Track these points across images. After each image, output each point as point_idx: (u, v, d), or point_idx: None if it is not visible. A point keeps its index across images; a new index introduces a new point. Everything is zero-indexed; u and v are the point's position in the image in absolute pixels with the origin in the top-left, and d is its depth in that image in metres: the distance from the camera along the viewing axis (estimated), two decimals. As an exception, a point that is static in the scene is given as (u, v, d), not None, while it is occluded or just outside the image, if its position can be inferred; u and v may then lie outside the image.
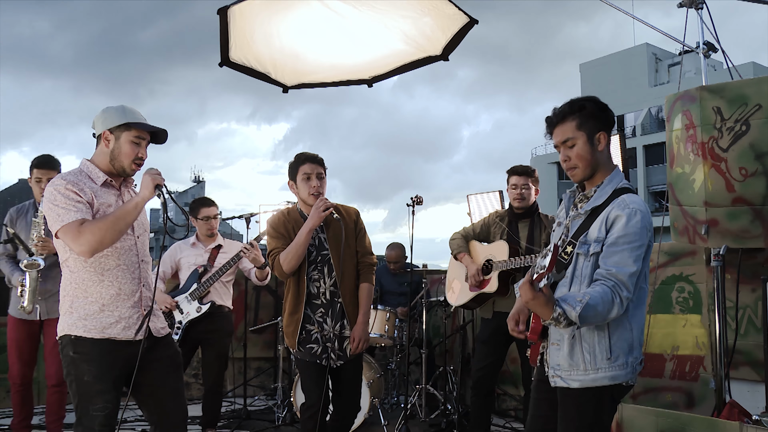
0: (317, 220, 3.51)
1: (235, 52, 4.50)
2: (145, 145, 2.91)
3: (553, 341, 2.51)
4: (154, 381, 2.89)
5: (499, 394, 5.83)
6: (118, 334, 2.79)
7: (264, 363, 6.74)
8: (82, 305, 2.78)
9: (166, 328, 3.05)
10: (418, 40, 4.64)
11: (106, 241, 2.70)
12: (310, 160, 3.67)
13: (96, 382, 2.73)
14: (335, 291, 3.61)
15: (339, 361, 3.60)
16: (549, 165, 44.83)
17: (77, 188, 2.76)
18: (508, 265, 4.22)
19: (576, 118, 2.50)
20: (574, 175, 2.55)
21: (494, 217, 4.57)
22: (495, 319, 4.37)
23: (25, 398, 4.42)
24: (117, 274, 2.81)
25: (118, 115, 2.86)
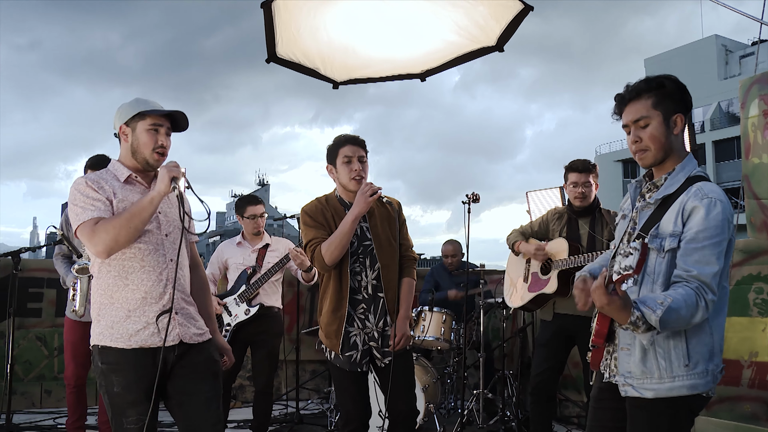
0: (364, 207, 3.22)
1: (282, 47, 4.40)
2: (165, 133, 2.73)
3: (623, 345, 2.29)
4: (184, 389, 2.69)
5: (561, 399, 5.58)
6: (145, 341, 2.60)
7: (319, 366, 6.64)
8: (109, 312, 2.62)
9: (205, 334, 2.81)
10: (471, 30, 4.45)
11: (122, 240, 2.54)
12: (351, 141, 3.40)
13: (126, 393, 2.57)
14: (378, 285, 3.34)
15: (386, 359, 3.33)
16: (614, 163, 43.82)
17: (97, 185, 2.63)
18: (568, 263, 3.99)
19: (652, 96, 2.27)
20: (644, 158, 2.32)
21: (553, 215, 4.33)
22: (555, 321, 4.15)
23: (79, 399, 4.44)
24: (142, 277, 2.63)
25: (131, 107, 2.73)
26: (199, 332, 2.77)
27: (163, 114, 2.71)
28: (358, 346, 3.30)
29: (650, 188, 2.37)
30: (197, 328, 2.77)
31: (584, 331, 4.01)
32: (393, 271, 3.39)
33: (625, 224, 2.44)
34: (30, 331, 5.89)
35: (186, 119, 2.77)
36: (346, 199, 3.42)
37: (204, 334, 2.80)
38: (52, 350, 5.88)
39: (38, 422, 5.32)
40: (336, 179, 3.44)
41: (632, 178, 27.25)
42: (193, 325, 2.75)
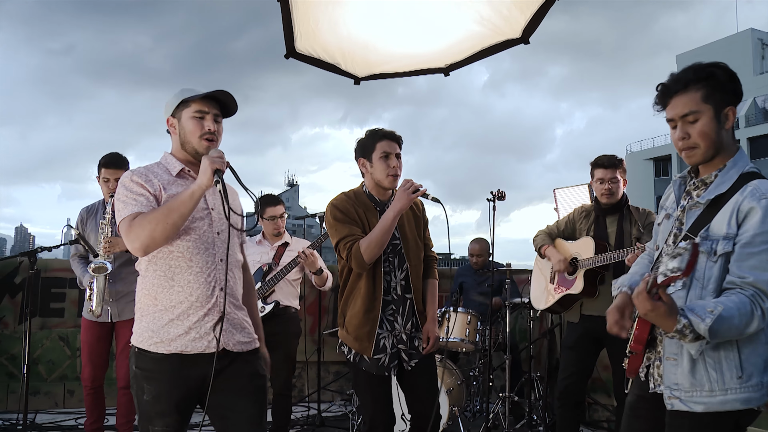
0: (406, 203, 3.05)
1: (301, 42, 4.30)
2: (212, 119, 2.51)
3: (669, 355, 2.14)
4: (226, 404, 2.48)
5: (590, 403, 5.42)
6: (186, 346, 2.40)
7: (342, 367, 6.53)
8: (151, 314, 2.45)
9: (252, 342, 2.59)
10: (495, 21, 4.31)
11: (158, 236, 2.32)
12: (389, 137, 3.24)
13: (155, 402, 2.42)
14: (406, 285, 3.23)
15: (412, 362, 3.22)
16: (645, 161, 43.23)
17: (144, 179, 2.46)
18: (594, 262, 3.83)
19: (702, 88, 2.09)
20: (692, 156, 2.15)
21: (580, 213, 4.18)
22: (582, 323, 4.00)
23: (96, 400, 4.38)
24: (188, 278, 2.42)
25: (175, 97, 2.56)
26: (245, 340, 2.56)
27: (207, 98, 2.52)
28: (387, 348, 3.18)
29: (697, 186, 2.22)
30: (244, 335, 2.56)
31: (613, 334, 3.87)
32: (419, 271, 3.32)
33: (669, 224, 2.29)
34: (53, 331, 5.88)
35: (233, 100, 2.57)
36: (375, 196, 3.28)
37: (251, 342, 2.59)
38: (75, 350, 5.86)
39: (60, 422, 5.30)
40: (369, 174, 3.27)
41: (663, 176, 26.79)
42: (239, 332, 2.54)
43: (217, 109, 2.55)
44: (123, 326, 4.32)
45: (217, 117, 2.55)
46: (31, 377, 5.74)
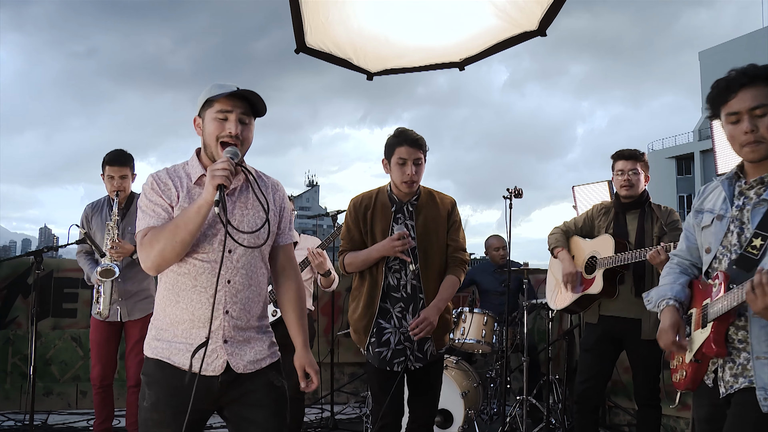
0: (388, 252, 3.21)
1: (311, 36, 4.21)
2: (236, 120, 2.30)
3: (759, 354, 2.05)
4: (242, 415, 2.38)
5: (610, 406, 5.27)
6: (185, 363, 2.27)
7: (358, 368, 6.44)
8: (160, 324, 2.36)
9: (263, 360, 2.43)
10: (510, 13, 4.18)
11: (168, 256, 2.21)
12: (409, 143, 3.27)
13: (152, 410, 2.30)
14: (418, 285, 3.26)
15: (417, 363, 3.25)
16: (667, 159, 42.71)
17: (162, 185, 2.32)
18: (614, 261, 3.70)
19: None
20: (756, 150, 2.09)
21: (599, 210, 4.04)
22: (601, 324, 3.86)
23: (105, 400, 4.35)
24: (192, 297, 2.29)
25: (202, 95, 2.37)
26: (255, 359, 2.40)
27: (234, 97, 2.30)
28: (391, 344, 3.23)
29: (752, 185, 2.16)
30: (254, 354, 2.40)
31: (632, 335, 3.74)
32: (435, 272, 3.30)
33: (724, 225, 2.21)
34: (65, 331, 5.85)
35: (261, 100, 2.35)
36: (396, 196, 3.35)
37: (263, 360, 2.43)
38: (87, 351, 5.80)
39: (71, 423, 5.26)
40: (390, 174, 3.35)
41: (686, 174, 26.51)
42: (248, 353, 2.37)
43: (243, 108, 2.32)
44: (132, 325, 4.28)
45: (244, 118, 2.33)
46: (44, 378, 5.76)
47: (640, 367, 3.78)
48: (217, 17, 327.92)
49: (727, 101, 2.11)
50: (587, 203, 5.55)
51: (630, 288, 3.77)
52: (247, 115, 2.34)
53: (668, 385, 4.30)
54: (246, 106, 2.33)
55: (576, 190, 5.76)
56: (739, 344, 2.10)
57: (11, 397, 5.62)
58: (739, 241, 2.13)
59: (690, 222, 2.42)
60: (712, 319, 2.12)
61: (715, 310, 2.11)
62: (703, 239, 2.31)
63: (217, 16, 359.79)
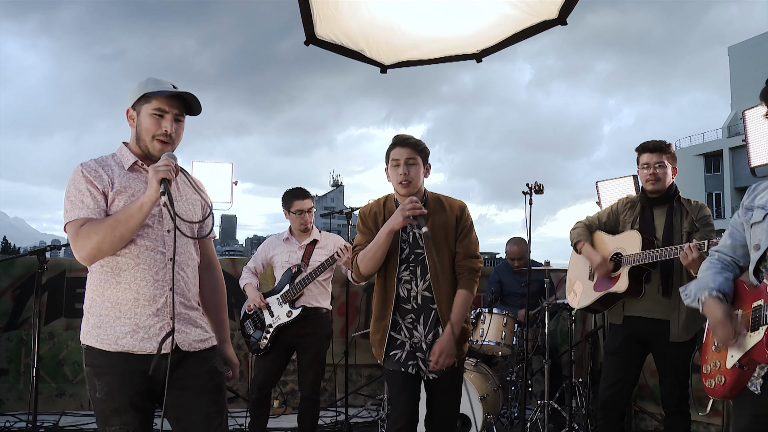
0: (400, 223, 3.05)
1: (321, 27, 4.07)
2: (172, 119, 2.40)
3: None
4: (182, 403, 2.38)
5: (636, 411, 5.06)
6: (133, 346, 2.30)
7: (375, 370, 6.29)
8: (98, 310, 2.35)
9: (207, 341, 2.50)
10: (529, 2, 4.01)
11: (105, 248, 2.27)
12: (399, 143, 3.21)
13: (108, 399, 2.30)
14: (429, 296, 3.14)
15: (432, 374, 3.14)
16: (694, 157, 42.04)
17: (93, 174, 2.36)
18: (641, 259, 3.50)
19: None
20: None
21: (624, 204, 3.85)
22: (626, 325, 3.67)
23: None
24: (135, 275, 2.33)
25: (138, 88, 2.42)
26: (200, 339, 2.46)
27: (169, 97, 2.39)
28: (405, 345, 3.17)
29: None
30: (198, 334, 2.46)
31: (660, 337, 3.54)
32: (446, 281, 3.17)
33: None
34: (77, 332, 5.75)
35: (197, 101, 2.45)
36: (400, 203, 3.21)
37: (207, 340, 2.50)
38: (100, 352, 5.75)
39: (83, 425, 5.19)
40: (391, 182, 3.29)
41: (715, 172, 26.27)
42: (192, 331, 2.44)
43: (179, 108, 2.43)
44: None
45: (179, 116, 2.43)
46: (57, 379, 5.71)
47: (667, 372, 3.58)
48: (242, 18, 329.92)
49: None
50: (612, 199, 5.34)
51: (657, 287, 3.57)
52: (181, 114, 2.44)
53: (697, 390, 4.10)
54: (181, 105, 2.43)
55: (600, 186, 5.56)
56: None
57: (24, 398, 5.56)
58: None
59: (738, 219, 2.29)
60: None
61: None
62: (752, 236, 2.18)
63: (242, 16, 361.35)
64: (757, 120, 4.07)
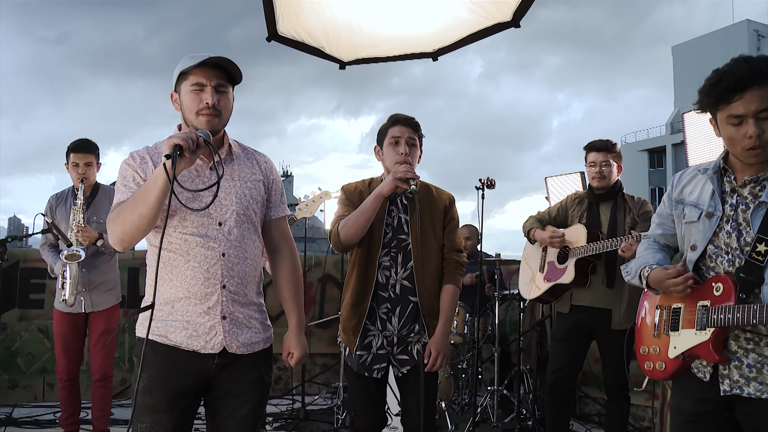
0: (390, 187, 2.84)
1: (283, 24, 4.16)
2: (212, 90, 2.23)
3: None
4: (220, 406, 2.32)
5: (581, 396, 5.30)
6: (181, 342, 2.22)
7: (330, 359, 6.42)
8: (155, 306, 2.25)
9: (260, 342, 2.37)
10: (484, 5, 4.17)
11: (128, 228, 2.12)
12: (402, 122, 3.03)
13: (146, 393, 2.20)
14: (409, 286, 2.97)
15: (404, 368, 2.97)
16: (640, 153, 43.16)
17: (138, 162, 2.27)
18: (586, 251, 3.71)
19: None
20: (758, 155, 2.00)
21: (572, 200, 4.06)
22: (573, 314, 3.88)
23: (72, 394, 4.27)
24: (186, 273, 2.22)
25: (177, 68, 2.28)
26: (250, 342, 2.34)
27: (207, 66, 2.23)
28: (372, 347, 2.98)
29: (746, 183, 2.09)
30: (249, 336, 2.34)
31: (603, 325, 3.76)
32: (431, 273, 3.01)
33: (712, 223, 2.14)
34: (32, 323, 5.73)
35: (236, 66, 2.28)
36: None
37: (259, 343, 2.37)
38: (54, 342, 5.72)
39: (38, 416, 5.16)
40: (382, 162, 3.11)
41: (658, 167, 26.69)
42: (244, 332, 2.32)
43: (220, 78, 2.26)
44: (97, 317, 4.21)
45: (220, 87, 2.26)
46: (10, 370, 5.66)
47: (611, 358, 3.80)
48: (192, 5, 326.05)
49: (730, 102, 1.98)
50: (560, 194, 5.57)
51: (601, 278, 3.79)
52: (224, 83, 2.27)
53: (636, 375, 4.35)
54: (221, 74, 2.26)
55: (549, 181, 5.77)
56: (747, 344, 2.05)
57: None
58: (739, 244, 2.06)
59: (666, 211, 2.36)
60: (716, 326, 2.04)
61: (722, 319, 2.02)
62: (686, 234, 2.24)
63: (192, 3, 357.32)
64: (695, 122, 4.33)
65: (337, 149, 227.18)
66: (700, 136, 4.27)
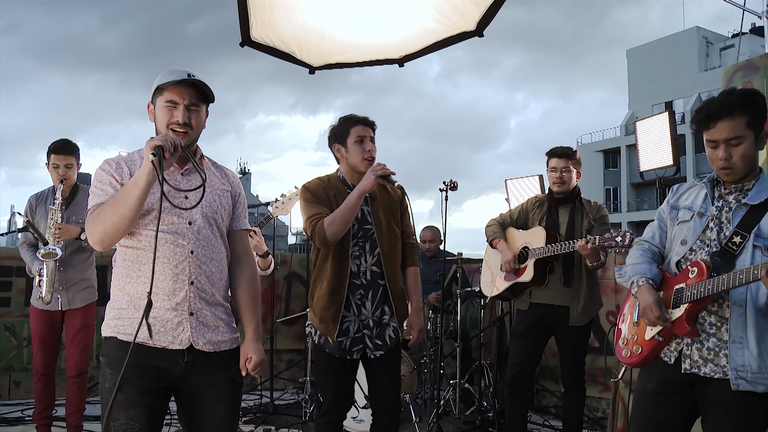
0: (371, 184, 3.05)
1: (257, 30, 4.30)
2: (184, 109, 2.34)
3: (735, 339, 2.27)
4: (195, 409, 2.38)
5: (538, 389, 5.55)
6: (148, 339, 2.25)
7: (295, 355, 6.57)
8: (118, 305, 2.33)
9: (228, 342, 2.42)
10: (450, 16, 4.36)
11: (110, 230, 2.19)
12: (363, 122, 3.25)
13: (118, 390, 2.22)
14: (378, 271, 3.21)
15: (377, 351, 3.19)
16: (595, 153, 43.96)
17: (114, 167, 2.35)
18: (545, 252, 3.93)
19: (746, 115, 2.28)
20: (729, 174, 2.35)
21: (533, 203, 4.27)
22: (532, 311, 4.09)
23: (47, 388, 4.33)
24: (155, 269, 2.23)
25: (155, 81, 2.38)
26: (218, 339, 2.39)
27: (183, 84, 2.33)
28: (350, 332, 3.17)
29: (731, 191, 2.41)
30: (217, 334, 2.38)
31: (561, 321, 3.99)
32: (394, 258, 3.28)
33: (702, 222, 2.44)
34: (-1, 320, 5.74)
35: (208, 88, 2.39)
36: (349, 181, 3.29)
37: (226, 342, 2.42)
38: (21, 340, 5.74)
39: (4, 414, 5.19)
40: (344, 159, 3.28)
41: (612, 168, 27.51)
42: (210, 331, 2.36)
43: (193, 97, 2.37)
44: (73, 315, 4.27)
45: (192, 106, 2.36)
46: (-25, 367, 5.65)
47: (567, 352, 4.04)
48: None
49: (707, 128, 2.31)
50: (519, 196, 5.81)
51: (559, 277, 4.01)
52: (197, 102, 2.38)
53: (590, 368, 4.60)
54: (195, 93, 2.37)
55: (509, 184, 6.01)
56: (710, 328, 2.32)
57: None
58: (719, 237, 2.36)
59: (664, 215, 2.64)
60: (690, 301, 2.33)
61: (695, 293, 2.30)
62: (677, 232, 2.53)
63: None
64: (646, 130, 4.60)
65: (296, 146, 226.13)
66: (651, 143, 4.55)
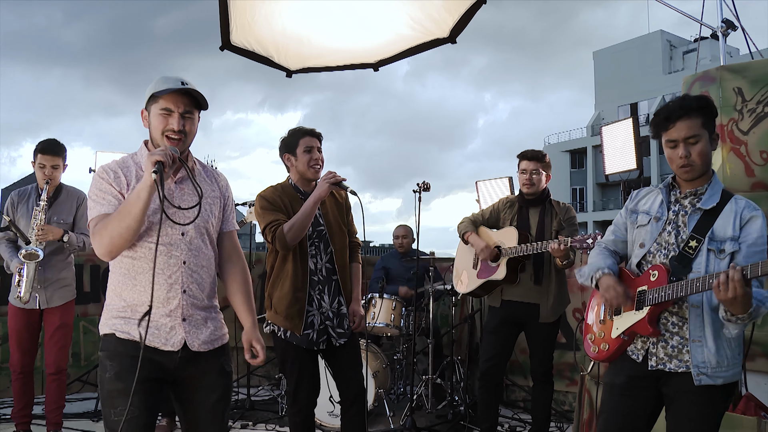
0: (325, 191, 3.38)
1: (236, 34, 4.41)
2: (179, 117, 2.43)
3: (695, 338, 2.45)
4: (189, 399, 2.52)
5: (508, 384, 5.72)
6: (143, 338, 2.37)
7: (270, 352, 6.60)
8: (116, 307, 2.44)
9: (219, 339, 2.57)
10: (424, 23, 4.52)
11: (116, 240, 2.31)
12: (310, 133, 3.57)
13: (117, 380, 2.35)
14: (331, 268, 3.56)
15: (341, 339, 3.54)
16: (562, 153, 44.54)
17: (112, 175, 2.43)
18: (517, 251, 4.10)
19: (701, 116, 2.44)
20: (689, 172, 2.49)
21: (504, 204, 4.43)
22: (503, 308, 4.25)
23: (26, 386, 4.36)
24: (150, 280, 2.33)
25: (148, 90, 2.46)
26: (210, 339, 2.53)
27: (176, 95, 2.42)
28: (315, 325, 3.47)
29: (687, 195, 2.55)
30: (209, 335, 2.53)
31: (532, 318, 4.16)
32: (344, 254, 3.62)
33: (659, 225, 2.58)
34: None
35: (202, 96, 2.48)
36: (300, 187, 3.58)
37: (216, 340, 2.57)
38: (-2, 338, 5.74)
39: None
40: (294, 167, 3.57)
41: (579, 168, 27.99)
42: (203, 332, 2.51)
43: (186, 105, 2.45)
44: (51, 313, 4.32)
45: (186, 114, 2.45)
46: (-50, 366, 5.63)
47: (538, 348, 4.22)
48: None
49: (667, 129, 2.46)
50: (490, 197, 5.99)
51: (530, 276, 4.18)
52: (190, 110, 2.47)
53: (557, 363, 4.79)
54: (189, 101, 2.45)
55: (479, 185, 6.18)
56: (672, 327, 2.48)
57: None
58: (676, 241, 2.51)
59: (621, 220, 2.78)
60: (651, 304, 2.49)
61: (656, 297, 2.47)
62: (636, 236, 2.68)
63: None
64: (612, 135, 4.81)
65: (264, 144, 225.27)
66: (616, 147, 4.76)
